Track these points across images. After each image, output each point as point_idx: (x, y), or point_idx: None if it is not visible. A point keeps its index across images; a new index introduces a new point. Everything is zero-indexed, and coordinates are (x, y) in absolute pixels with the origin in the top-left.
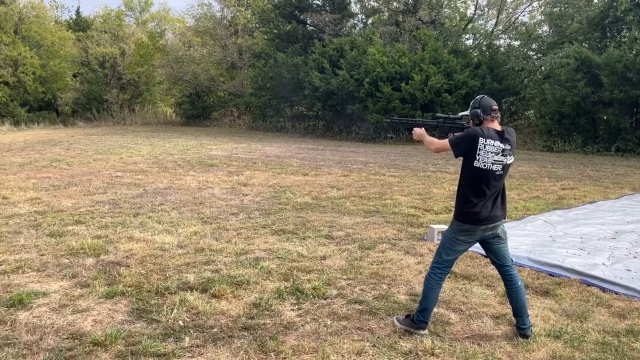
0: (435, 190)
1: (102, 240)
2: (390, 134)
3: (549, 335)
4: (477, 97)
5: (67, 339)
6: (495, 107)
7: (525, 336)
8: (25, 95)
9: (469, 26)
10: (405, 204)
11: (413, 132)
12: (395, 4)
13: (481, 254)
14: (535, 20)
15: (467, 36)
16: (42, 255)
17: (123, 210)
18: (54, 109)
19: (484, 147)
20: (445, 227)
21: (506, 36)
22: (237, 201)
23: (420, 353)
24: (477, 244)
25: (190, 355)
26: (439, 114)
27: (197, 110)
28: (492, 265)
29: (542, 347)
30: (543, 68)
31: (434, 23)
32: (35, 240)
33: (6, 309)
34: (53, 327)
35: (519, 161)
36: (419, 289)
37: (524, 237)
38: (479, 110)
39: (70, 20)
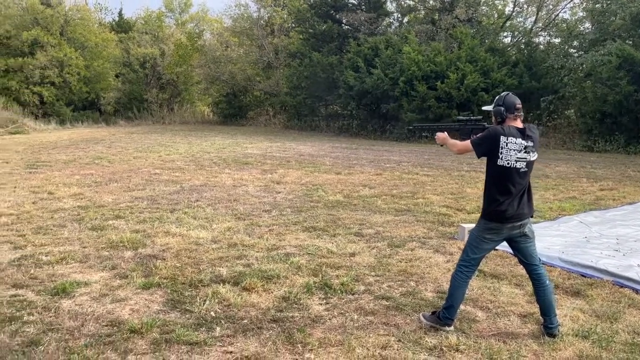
0: (468, 189)
1: (140, 234)
2: (425, 132)
3: (576, 335)
4: (502, 94)
5: (106, 326)
6: (519, 105)
7: (552, 335)
8: (70, 95)
9: (507, 24)
10: (437, 203)
11: (436, 136)
12: (431, 2)
13: (511, 253)
14: (576, 17)
15: (505, 34)
16: (84, 247)
17: (160, 206)
18: (97, 109)
19: (506, 145)
20: (464, 225)
21: (546, 33)
22: (270, 198)
23: (444, 349)
24: (505, 243)
25: (220, 344)
26: (460, 117)
27: (234, 110)
28: (521, 265)
29: (569, 347)
30: (584, 66)
31: (470, 21)
32: (78, 234)
33: (50, 297)
34: (93, 314)
35: (557, 161)
36: (446, 286)
37: (557, 238)
38: (502, 108)
39: (113, 22)
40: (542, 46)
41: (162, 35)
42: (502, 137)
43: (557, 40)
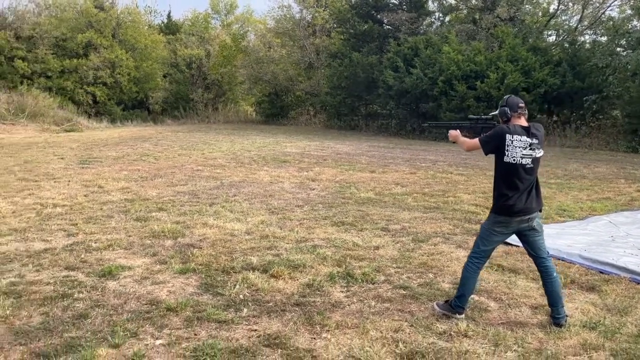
0: None
1: (180, 225)
2: (464, 132)
3: (584, 326)
4: (505, 96)
5: (145, 304)
6: (522, 104)
7: (559, 325)
8: (120, 94)
9: (552, 22)
10: (467, 201)
11: (449, 134)
12: (473, 1)
13: None
14: (624, 15)
15: (548, 32)
16: (129, 236)
17: (200, 200)
18: (145, 108)
19: (512, 143)
20: None
21: (591, 32)
22: (304, 195)
23: (453, 334)
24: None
25: (246, 323)
26: (472, 115)
27: (276, 109)
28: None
29: (574, 336)
30: (629, 65)
31: (513, 20)
32: (124, 224)
33: (98, 278)
34: (135, 294)
35: (597, 162)
36: None
37: (582, 236)
38: (506, 109)
39: (162, 24)
40: (587, 45)
41: (208, 36)
42: (507, 135)
43: (603, 39)
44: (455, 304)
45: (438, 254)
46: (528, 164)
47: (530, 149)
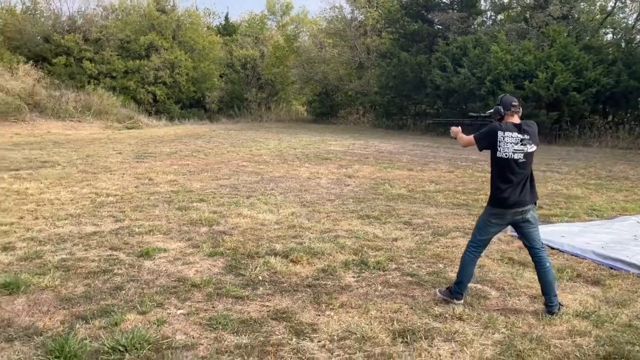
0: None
1: (216, 215)
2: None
3: (577, 315)
4: (500, 96)
5: (174, 280)
6: (515, 103)
7: (551, 313)
8: (179, 94)
9: (607, 20)
10: None
11: (450, 130)
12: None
13: (553, 248)
14: None
15: (604, 31)
16: (169, 223)
17: (239, 193)
18: (202, 107)
19: (503, 139)
20: None
21: None
22: (338, 190)
23: (448, 317)
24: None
25: (260, 300)
26: (472, 113)
27: (326, 108)
28: (550, 256)
29: (565, 323)
30: None
31: (566, 18)
32: (167, 212)
33: (136, 257)
34: (166, 272)
35: None
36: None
37: (604, 235)
38: (500, 107)
39: (220, 26)
40: None
41: (263, 37)
42: (499, 132)
43: None
44: (454, 290)
45: (454, 247)
46: (520, 158)
47: (522, 144)
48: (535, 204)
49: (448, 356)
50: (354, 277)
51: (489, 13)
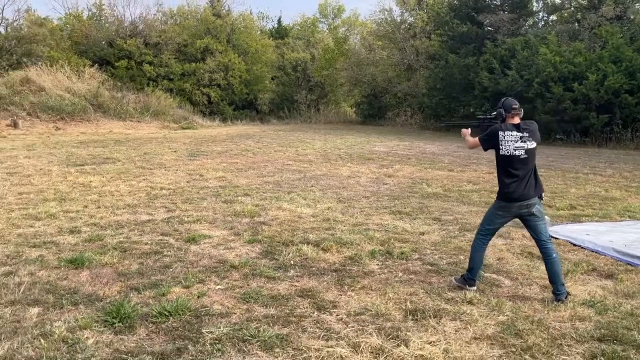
0: (573, 190)
1: (258, 208)
2: (559, 135)
3: (583, 304)
4: (502, 99)
5: (215, 262)
6: (515, 106)
7: (558, 300)
8: (232, 95)
9: None
10: None
11: (461, 132)
12: (580, 0)
13: (572, 244)
14: None
15: None
16: (215, 214)
17: (282, 188)
18: (254, 108)
19: (504, 138)
20: (548, 218)
21: None
22: (375, 188)
23: (459, 300)
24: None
25: (289, 281)
26: (480, 115)
27: (374, 110)
28: (571, 252)
29: (569, 310)
30: None
31: (620, 19)
32: (214, 205)
33: (184, 242)
34: (209, 255)
35: None
36: (493, 262)
37: (630, 234)
38: (502, 110)
39: (273, 29)
40: None
41: (314, 40)
42: (500, 132)
43: None
44: (468, 277)
45: None
46: (522, 154)
47: (522, 142)
48: (540, 197)
49: (452, 332)
50: (377, 265)
51: (540, 14)
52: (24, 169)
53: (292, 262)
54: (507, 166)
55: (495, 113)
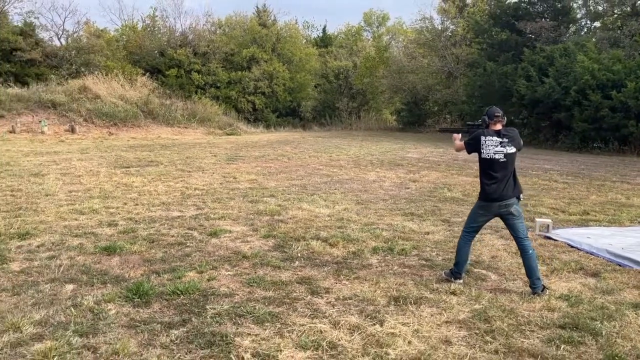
0: (593, 197)
1: (280, 207)
2: (597, 143)
3: (559, 298)
4: (487, 108)
5: (230, 253)
6: (498, 114)
7: (534, 293)
8: (276, 103)
9: None
10: (546, 205)
11: (452, 136)
12: (623, 7)
13: (571, 246)
14: None
15: None
16: (239, 212)
17: (306, 191)
18: (297, 115)
19: (485, 143)
20: (550, 221)
21: None
22: (396, 192)
23: (442, 291)
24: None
25: (292, 270)
26: (469, 122)
27: (414, 117)
28: (565, 253)
29: (542, 302)
30: None
31: None
32: (240, 204)
33: (206, 236)
34: (226, 247)
35: None
36: (486, 259)
37: (632, 238)
38: (486, 117)
39: (317, 38)
40: None
41: (356, 48)
42: (482, 137)
43: None
44: (455, 271)
45: (478, 241)
46: (501, 158)
47: (501, 146)
48: (518, 198)
49: (427, 316)
50: (377, 259)
51: (582, 21)
52: (76, 170)
53: (299, 254)
54: (488, 169)
55: (480, 120)
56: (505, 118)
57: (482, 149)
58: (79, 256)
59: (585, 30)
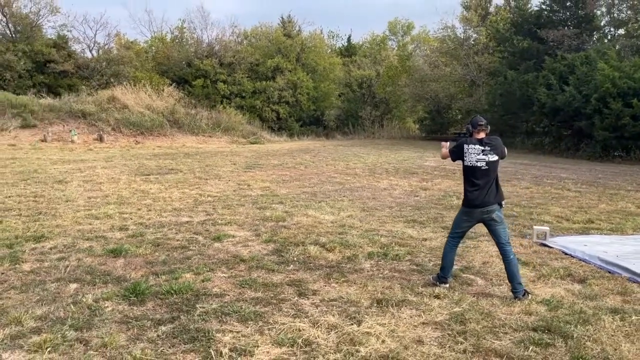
0: (603, 205)
1: (286, 214)
2: (619, 152)
3: (540, 302)
4: (471, 117)
5: (230, 256)
6: (481, 123)
7: (516, 297)
8: (300, 112)
9: None
10: (553, 213)
11: (441, 144)
12: None
13: (567, 254)
14: None
15: None
16: (246, 218)
17: (315, 198)
18: (321, 124)
19: (468, 151)
20: (547, 229)
21: None
22: (404, 199)
23: (426, 294)
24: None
25: (285, 273)
26: (455, 131)
27: (437, 126)
28: (557, 260)
29: (522, 306)
30: None
31: None
32: (249, 210)
33: (210, 240)
34: (227, 250)
35: None
36: (477, 265)
37: (629, 247)
38: (469, 126)
39: (342, 47)
40: None
41: (380, 57)
42: (465, 145)
43: None
44: (441, 275)
45: (474, 248)
46: (483, 166)
47: (483, 154)
48: (500, 205)
49: (406, 318)
50: (370, 264)
51: (606, 29)
52: (98, 177)
53: (295, 258)
54: (470, 176)
55: (465, 129)
56: (489, 127)
57: (465, 156)
58: (86, 258)
59: (609, 37)
